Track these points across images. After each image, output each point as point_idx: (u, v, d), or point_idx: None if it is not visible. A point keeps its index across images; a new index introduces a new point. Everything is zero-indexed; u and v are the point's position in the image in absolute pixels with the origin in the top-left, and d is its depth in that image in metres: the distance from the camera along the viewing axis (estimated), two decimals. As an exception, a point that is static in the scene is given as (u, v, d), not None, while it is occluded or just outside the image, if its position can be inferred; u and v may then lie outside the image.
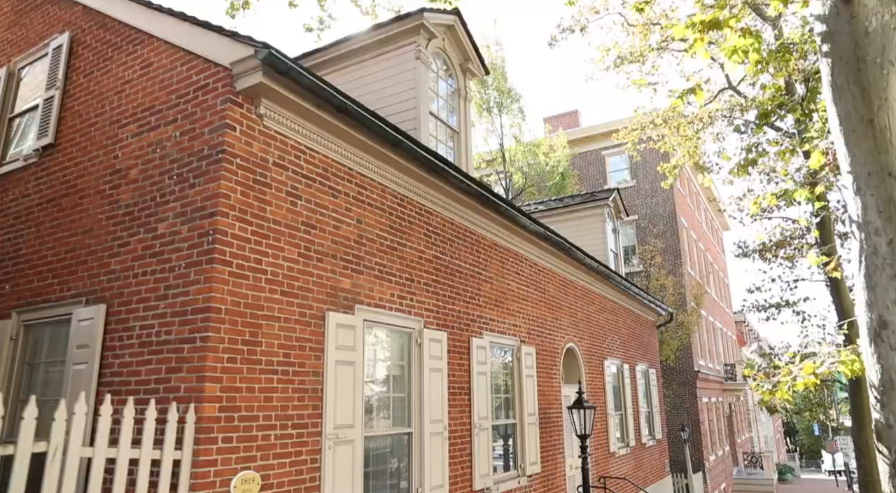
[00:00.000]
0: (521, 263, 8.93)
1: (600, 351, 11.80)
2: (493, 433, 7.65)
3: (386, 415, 5.90)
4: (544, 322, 9.40)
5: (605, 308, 12.57)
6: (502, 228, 8.24)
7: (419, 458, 6.00)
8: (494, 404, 7.77)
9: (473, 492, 6.82)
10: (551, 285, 9.92)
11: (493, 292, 7.96)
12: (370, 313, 5.66)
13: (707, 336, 26.39)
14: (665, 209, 23.64)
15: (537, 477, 8.39)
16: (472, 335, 7.29)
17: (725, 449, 27.16)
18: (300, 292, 4.92)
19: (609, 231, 14.66)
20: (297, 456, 4.66)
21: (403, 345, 6.23)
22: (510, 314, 8.35)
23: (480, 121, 22.25)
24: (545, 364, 9.21)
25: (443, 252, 6.99)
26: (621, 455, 12.09)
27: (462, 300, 7.22)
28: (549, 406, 9.12)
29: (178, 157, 4.70)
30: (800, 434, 68.17)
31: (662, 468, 15.31)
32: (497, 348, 7.99)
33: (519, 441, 8.09)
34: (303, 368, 4.83)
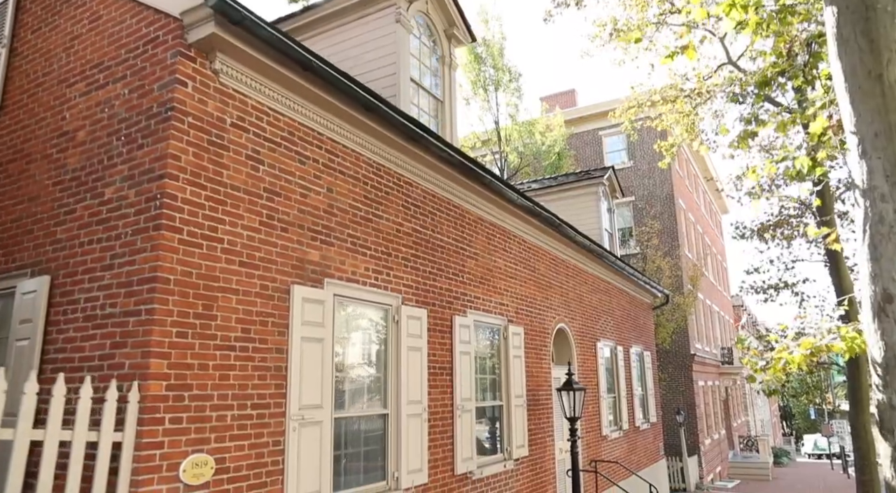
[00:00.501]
0: (509, 239, 8.59)
1: (593, 332, 11.49)
2: (478, 415, 7.35)
3: (360, 396, 5.59)
4: (534, 302, 9.07)
5: (599, 289, 12.25)
6: (488, 202, 7.89)
7: (396, 441, 5.70)
8: (480, 386, 7.46)
9: (455, 476, 6.54)
10: (541, 263, 9.58)
11: (478, 269, 7.63)
12: (342, 288, 5.32)
13: (704, 319, 26.14)
14: (663, 190, 23.27)
15: (525, 461, 8.11)
16: (456, 313, 6.96)
17: (721, 433, 27.04)
18: (262, 263, 4.58)
19: (604, 210, 14.30)
20: (258, 438, 4.34)
21: (380, 322, 5.90)
22: (497, 293, 8.02)
23: (475, 98, 21.79)
24: (534, 345, 8.90)
25: (423, 226, 6.64)
26: (614, 439, 11.84)
27: (444, 277, 6.88)
28: (538, 388, 8.82)
29: (126, 116, 4.33)
30: (796, 418, 68.57)
31: (657, 451, 15.09)
32: (483, 327, 7.67)
33: (505, 424, 7.80)
34: (264, 344, 4.50)
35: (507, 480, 7.60)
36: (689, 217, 26.01)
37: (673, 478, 19.29)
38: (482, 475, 7.00)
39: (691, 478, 19.74)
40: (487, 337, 7.84)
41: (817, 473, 33.62)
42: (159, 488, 3.64)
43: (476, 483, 6.91)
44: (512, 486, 7.70)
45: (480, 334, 7.65)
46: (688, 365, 21.67)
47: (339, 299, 5.32)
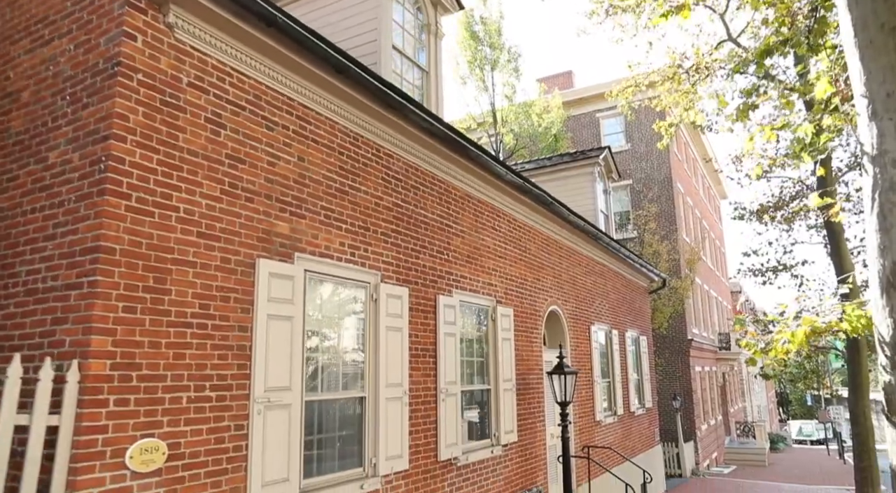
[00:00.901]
0: (499, 217, 8.25)
1: (587, 315, 11.20)
2: (465, 399, 7.07)
3: (335, 378, 5.28)
4: (524, 283, 8.76)
5: (593, 271, 11.94)
6: (476, 177, 7.54)
7: (374, 426, 5.40)
8: (466, 369, 7.17)
9: (439, 462, 6.25)
10: (533, 243, 9.25)
11: (465, 248, 7.30)
12: (314, 263, 4.99)
13: (701, 304, 25.89)
14: (661, 173, 22.90)
15: (514, 446, 7.84)
16: (440, 293, 6.65)
17: (718, 419, 26.89)
18: (223, 234, 4.25)
19: (599, 192, 13.96)
20: (218, 422, 4.04)
21: (357, 301, 5.58)
22: (485, 272, 7.70)
23: (471, 78, 21.35)
24: (524, 327, 8.60)
25: (405, 200, 6.30)
26: (608, 424, 11.59)
27: (428, 254, 6.56)
28: (528, 372, 8.53)
29: (72, 74, 3.98)
30: (793, 404, 68.78)
31: (652, 437, 14.87)
32: (469, 308, 7.35)
33: (493, 409, 7.51)
34: (226, 321, 4.18)
35: (494, 466, 7.33)
36: (688, 201, 25.67)
37: (669, 464, 19.11)
38: (468, 461, 6.73)
39: (687, 464, 19.57)
40: (475, 319, 7.54)
41: (813, 458, 33.58)
42: (102, 476, 3.34)
43: (461, 470, 6.63)
44: (500, 472, 7.43)
45: (467, 316, 7.34)
46: (685, 350, 21.43)
47: (311, 276, 5.00)
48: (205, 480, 3.90)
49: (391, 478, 5.52)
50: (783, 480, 21.08)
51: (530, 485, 8.12)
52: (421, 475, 5.95)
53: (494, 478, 7.29)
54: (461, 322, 7.10)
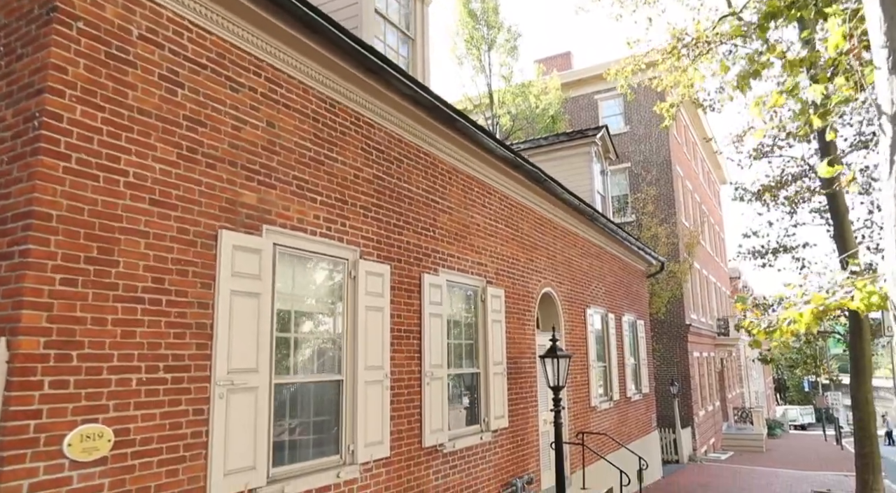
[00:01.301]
0: (489, 194, 7.89)
1: (582, 298, 10.87)
2: (452, 383, 6.75)
3: (310, 359, 4.95)
4: (516, 263, 8.42)
5: (589, 253, 11.60)
6: (464, 151, 7.17)
7: (352, 410, 5.08)
8: (454, 352, 6.84)
9: (424, 449, 5.94)
10: (526, 222, 8.90)
11: (452, 225, 6.95)
12: (284, 237, 4.64)
13: (700, 289, 25.60)
14: (659, 156, 22.49)
15: (504, 432, 7.53)
16: (425, 271, 6.30)
17: (716, 404, 26.70)
18: (181, 203, 3.89)
19: (597, 172, 13.58)
20: (174, 406, 3.70)
21: (334, 278, 5.24)
22: (474, 251, 7.35)
23: (468, 57, 20.88)
24: (517, 309, 8.27)
25: (387, 172, 5.94)
26: (604, 410, 11.30)
27: (412, 230, 6.20)
28: (520, 355, 8.21)
29: (5, 22, 3.60)
30: (790, 390, 68.87)
31: (649, 423, 14.62)
32: (457, 288, 7.02)
33: (483, 393, 7.20)
34: (183, 297, 3.84)
35: (483, 453, 7.03)
36: (687, 185, 25.29)
37: (666, 450, 18.92)
38: (455, 447, 6.42)
39: (684, 450, 19.37)
40: (463, 300, 7.20)
41: (810, 444, 33.49)
42: (34, 465, 3.01)
43: (448, 457, 6.33)
44: (489, 459, 7.13)
45: (455, 296, 7.01)
46: (683, 336, 21.16)
47: (282, 250, 4.65)
48: (158, 469, 3.57)
49: (370, 466, 5.21)
50: (781, 466, 20.90)
51: (522, 472, 7.83)
52: (404, 463, 5.64)
53: (483, 465, 6.99)
54: (448, 303, 6.76)
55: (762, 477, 16.21)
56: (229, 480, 3.92)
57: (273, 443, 4.37)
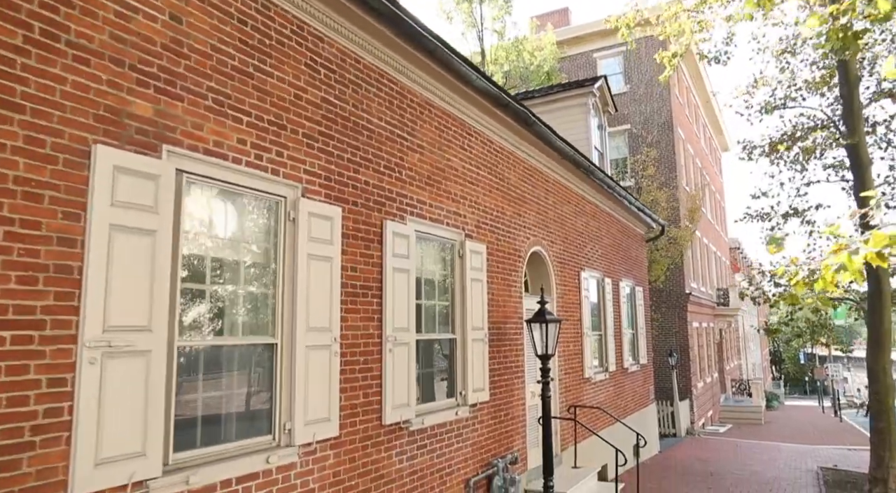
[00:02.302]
0: (470, 135, 6.87)
1: (576, 260, 9.92)
2: (422, 350, 5.83)
3: (230, 317, 3.99)
4: (501, 216, 7.44)
5: (584, 211, 10.62)
6: (440, 82, 6.14)
7: (288, 381, 4.14)
8: (425, 314, 5.91)
9: (384, 427, 5.03)
10: (513, 171, 7.89)
11: (424, 167, 5.95)
12: (195, 162, 3.65)
13: (700, 258, 24.71)
14: (661, 117, 21.37)
15: (484, 407, 6.64)
16: (389, 218, 5.32)
17: (714, 376, 26.03)
18: (31, 103, 2.89)
19: (594, 127, 12.54)
20: (18, 375, 2.75)
21: (265, 218, 4.26)
22: (451, 199, 6.37)
23: (458, 11, 19.63)
24: (501, 268, 7.32)
25: (341, 97, 4.92)
26: (598, 381, 10.44)
27: (372, 169, 5.21)
28: (504, 320, 7.28)
29: None
30: (785, 363, 68.84)
31: (647, 395, 13.81)
32: (430, 240, 6.05)
33: (460, 362, 6.28)
34: (35, 230, 2.86)
35: (460, 430, 6.13)
36: (689, 149, 24.22)
37: (663, 423, 18.20)
38: (424, 424, 5.51)
39: (682, 423, 18.66)
40: (437, 254, 6.24)
41: (807, 417, 33.04)
42: None
43: (416, 435, 5.43)
44: (467, 437, 6.24)
45: (427, 250, 6.04)
46: (682, 305, 20.31)
47: (193, 179, 3.66)
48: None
49: (314, 448, 4.29)
50: (781, 439, 20.25)
51: (505, 451, 6.96)
52: (358, 443, 4.73)
53: (460, 444, 6.10)
54: (418, 257, 5.80)
55: (764, 452, 15.50)
56: (104, 471, 2.99)
57: (176, 422, 3.44)
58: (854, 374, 64.58)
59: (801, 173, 12.90)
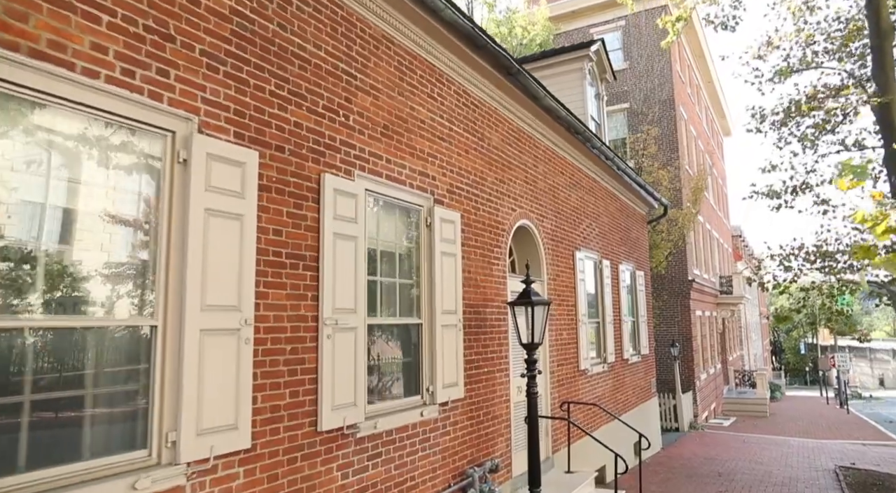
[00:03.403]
0: (441, 83, 5.78)
1: (571, 239, 8.84)
2: (377, 338, 4.76)
3: (87, 290, 2.90)
4: (481, 182, 6.35)
5: (581, 184, 9.53)
6: (398, 10, 5.03)
7: (174, 375, 3.06)
8: (383, 293, 4.84)
9: (321, 434, 3.96)
10: (496, 132, 6.80)
11: (380, 113, 4.85)
12: (23, 71, 2.55)
13: (703, 244, 23.64)
14: (662, 93, 20.21)
15: (459, 405, 5.57)
16: (330, 171, 4.23)
17: (717, 367, 25.01)
18: None
19: (591, 95, 11.43)
20: None
21: (144, 160, 3.16)
22: (416, 157, 5.28)
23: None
24: (480, 243, 6.24)
25: (261, 13, 3.82)
26: (596, 374, 9.39)
27: (306, 108, 4.11)
28: (484, 304, 6.21)
29: None
30: (786, 353, 68.25)
31: (648, 388, 12.77)
32: (387, 203, 4.96)
33: (426, 353, 5.21)
34: None
35: (427, 434, 5.07)
36: (691, 130, 23.10)
37: (665, 417, 17.19)
38: (376, 428, 4.44)
39: (685, 416, 17.64)
40: (398, 221, 5.15)
41: (812, 408, 32.11)
42: None
43: (366, 443, 4.36)
44: (435, 442, 5.18)
45: (383, 215, 4.96)
46: (685, 292, 19.24)
47: (7, 90, 2.56)
48: None
49: (214, 465, 3.22)
50: (788, 433, 19.26)
51: (484, 457, 5.90)
52: (282, 456, 3.66)
53: (426, 451, 5.04)
54: (371, 223, 4.72)
55: (773, 448, 14.49)
56: None
57: (-26, 439, 2.35)
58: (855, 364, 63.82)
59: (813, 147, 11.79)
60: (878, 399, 45.21)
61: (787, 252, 12.67)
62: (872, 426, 23.67)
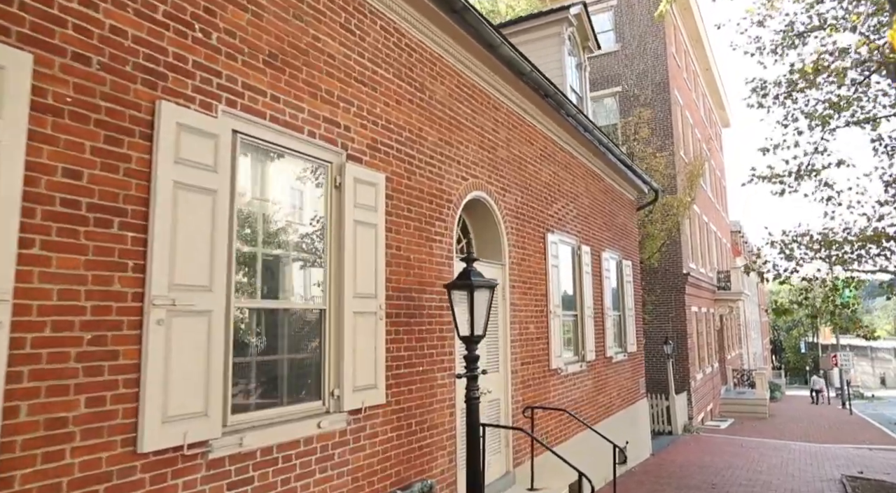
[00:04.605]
0: (362, 14, 4.67)
1: (541, 219, 7.74)
2: (255, 325, 3.67)
3: None
4: (419, 140, 5.25)
5: (554, 158, 8.43)
6: None
7: None
8: (263, 269, 3.74)
9: (140, 457, 2.86)
10: (442, 83, 5.70)
11: (263, 37, 3.75)
12: None
13: (700, 237, 22.53)
14: (656, 75, 19.08)
15: (380, 412, 4.47)
16: (169, 99, 3.13)
17: (714, 366, 23.91)
18: None
19: (571, 64, 10.34)
20: None
21: None
22: (323, 99, 4.17)
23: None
24: (416, 214, 5.13)
25: None
26: (572, 374, 8.29)
27: (133, 10, 3.01)
28: (420, 288, 5.11)
29: None
30: (786, 352, 67.43)
31: (636, 389, 11.66)
32: (274, 153, 3.85)
33: (331, 347, 4.10)
34: None
35: (330, 450, 3.97)
36: (687, 117, 21.98)
37: (657, 419, 16.09)
38: (242, 447, 3.33)
39: (679, 419, 16.53)
40: (291, 177, 4.04)
41: (814, 409, 31.06)
42: None
43: (225, 465, 3.26)
44: (343, 460, 4.08)
45: (268, 168, 3.85)
46: (680, 287, 18.14)
47: None
48: None
49: (-80, 514, 2.12)
50: (788, 436, 18.17)
51: (414, 477, 4.80)
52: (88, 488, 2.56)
53: (326, 473, 3.93)
54: (245, 175, 3.63)
55: (773, 453, 13.39)
56: None
57: None
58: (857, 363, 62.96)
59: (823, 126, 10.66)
60: (880, 399, 44.18)
61: (789, 239, 11.57)
62: (877, 428, 22.60)
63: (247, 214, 3.64)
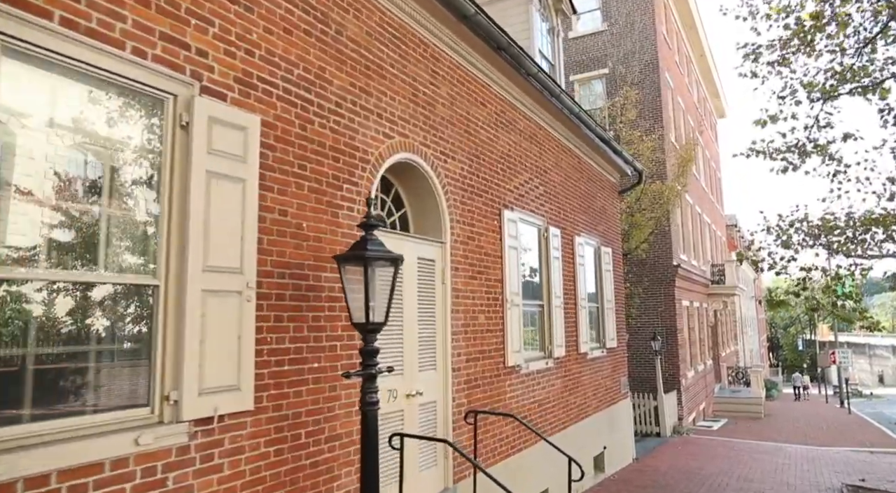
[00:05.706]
0: None
1: (497, 192, 6.73)
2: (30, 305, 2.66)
3: None
4: (320, 83, 4.23)
5: (516, 127, 7.41)
6: None
7: None
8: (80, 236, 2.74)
9: None
10: (356, 19, 4.68)
11: None
12: None
13: (692, 228, 21.54)
14: (644, 55, 18.06)
15: (247, 422, 3.45)
16: None
17: (708, 364, 22.94)
18: None
19: (541, 29, 9.31)
20: None
21: None
22: (159, 8, 3.15)
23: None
24: (314, 173, 4.12)
25: None
26: (535, 372, 7.29)
27: None
28: (316, 265, 4.10)
29: None
30: (783, 349, 66.90)
31: (616, 388, 10.67)
32: (75, 72, 2.83)
33: (167, 336, 3.09)
34: None
35: (160, 473, 2.96)
36: (679, 102, 20.97)
37: (644, 420, 15.10)
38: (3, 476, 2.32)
39: (668, 419, 15.54)
40: (109, 109, 3.01)
41: (810, 408, 30.15)
42: None
43: (-35, 504, 2.25)
44: (183, 487, 3.07)
45: (66, 93, 2.82)
46: (669, 279, 17.14)
47: None
48: None
49: None
50: (784, 437, 17.20)
51: (300, 503, 3.79)
52: None
53: (154, 505, 2.92)
54: (21, 98, 2.60)
55: (767, 457, 12.41)
56: None
57: None
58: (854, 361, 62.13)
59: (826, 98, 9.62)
60: (878, 397, 43.32)
61: (786, 224, 10.57)
62: (877, 428, 21.65)
63: (23, 149, 2.62)
